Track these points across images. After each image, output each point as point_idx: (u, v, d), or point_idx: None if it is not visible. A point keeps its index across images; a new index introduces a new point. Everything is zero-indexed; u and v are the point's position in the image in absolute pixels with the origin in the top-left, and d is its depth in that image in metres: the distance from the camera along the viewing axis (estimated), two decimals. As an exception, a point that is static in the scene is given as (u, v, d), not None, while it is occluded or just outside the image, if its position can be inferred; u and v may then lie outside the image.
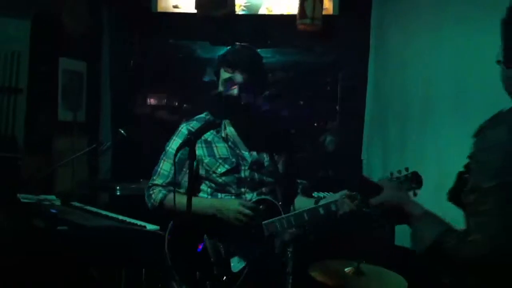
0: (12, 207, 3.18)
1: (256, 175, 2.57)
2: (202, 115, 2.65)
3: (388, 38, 4.24)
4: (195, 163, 2.32)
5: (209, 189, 2.57)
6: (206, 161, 2.53)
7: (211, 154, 2.55)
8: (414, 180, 2.24)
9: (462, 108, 3.32)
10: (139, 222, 2.80)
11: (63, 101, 4.54)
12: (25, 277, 2.95)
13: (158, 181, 2.61)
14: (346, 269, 2.57)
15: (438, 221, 1.55)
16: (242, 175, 2.55)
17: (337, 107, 4.70)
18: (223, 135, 2.57)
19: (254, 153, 2.58)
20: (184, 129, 2.60)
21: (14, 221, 3.13)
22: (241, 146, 2.59)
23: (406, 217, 1.61)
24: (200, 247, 2.44)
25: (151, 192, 2.63)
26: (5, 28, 4.04)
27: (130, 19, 4.80)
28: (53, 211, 3.01)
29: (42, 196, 3.22)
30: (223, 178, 2.54)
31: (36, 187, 3.73)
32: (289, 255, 2.90)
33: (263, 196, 2.54)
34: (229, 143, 2.57)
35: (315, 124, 4.33)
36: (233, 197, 2.54)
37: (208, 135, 2.54)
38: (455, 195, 1.54)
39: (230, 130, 2.58)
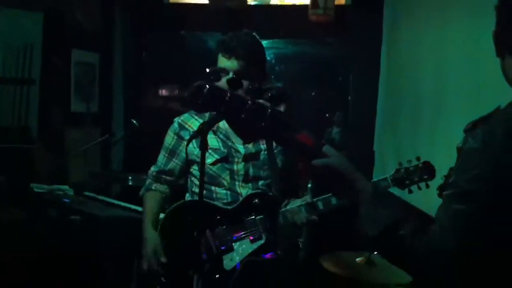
0: (26, 197, 3.22)
1: (251, 169, 2.45)
2: None
3: (400, 29, 4.22)
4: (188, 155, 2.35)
5: (193, 184, 2.47)
6: (195, 152, 2.42)
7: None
8: (426, 171, 2.13)
9: (474, 100, 3.28)
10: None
11: (75, 93, 4.57)
12: (37, 268, 2.98)
13: (152, 169, 2.58)
14: (357, 259, 2.57)
15: (393, 202, 1.42)
16: (235, 167, 2.44)
17: (349, 98, 4.68)
18: (214, 127, 2.43)
19: (250, 145, 2.47)
20: (175, 123, 2.53)
21: (28, 210, 3.16)
22: (235, 138, 2.47)
23: (353, 192, 1.45)
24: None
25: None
26: (18, 20, 4.06)
27: (142, 11, 4.81)
28: (66, 200, 3.04)
29: (55, 186, 3.24)
30: (214, 169, 2.42)
31: (50, 178, 3.77)
32: (300, 245, 2.89)
33: (258, 191, 2.43)
34: (220, 136, 2.46)
35: (327, 115, 4.31)
36: (228, 191, 2.43)
37: (198, 126, 2.40)
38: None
39: (222, 122, 2.45)
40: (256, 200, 2.38)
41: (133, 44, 4.99)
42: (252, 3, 4.64)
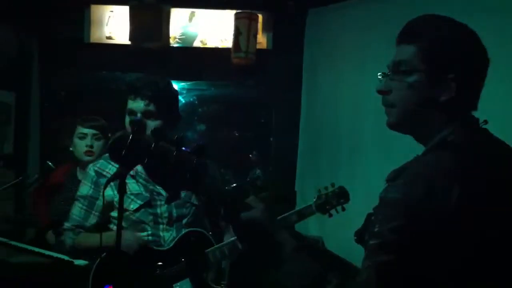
0: None
1: (174, 210, 2.44)
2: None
3: (319, 71, 4.37)
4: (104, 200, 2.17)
5: None
6: (116, 199, 2.35)
7: None
8: (342, 195, 2.43)
9: (386, 140, 3.43)
10: (66, 258, 2.70)
11: (-12, 133, 4.37)
12: None
13: (67, 225, 2.50)
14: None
15: (316, 253, 1.48)
16: (158, 211, 2.42)
17: (271, 139, 4.74)
18: (132, 172, 2.39)
19: None
20: (91, 170, 2.48)
21: None
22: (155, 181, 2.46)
23: (276, 246, 1.47)
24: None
25: (61, 238, 2.54)
26: None
27: (61, 49, 4.70)
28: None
29: (-38, 232, 3.05)
30: (137, 215, 2.40)
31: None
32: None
33: (192, 228, 2.43)
34: (140, 180, 2.44)
35: (250, 156, 4.34)
36: (150, 237, 2.41)
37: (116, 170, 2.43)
38: (363, 237, 1.44)
39: (139, 167, 2.44)
40: (192, 238, 2.39)
41: (52, 83, 4.85)
42: (175, 45, 4.65)
